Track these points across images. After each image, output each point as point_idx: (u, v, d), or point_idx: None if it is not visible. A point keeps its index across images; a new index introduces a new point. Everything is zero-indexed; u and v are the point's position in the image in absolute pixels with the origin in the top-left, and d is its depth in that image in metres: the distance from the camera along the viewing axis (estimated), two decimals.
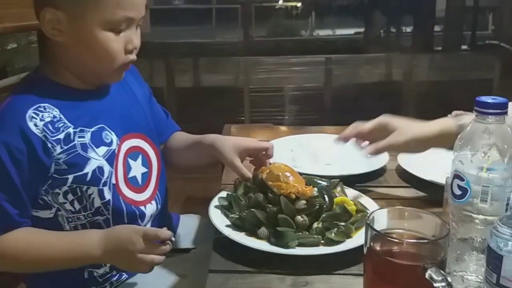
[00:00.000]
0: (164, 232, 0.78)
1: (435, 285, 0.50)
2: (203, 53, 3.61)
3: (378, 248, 0.56)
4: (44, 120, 0.77)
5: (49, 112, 0.78)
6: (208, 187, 0.88)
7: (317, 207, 0.79)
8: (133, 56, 0.83)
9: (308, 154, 1.17)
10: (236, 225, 0.78)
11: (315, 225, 0.77)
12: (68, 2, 0.76)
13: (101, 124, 0.83)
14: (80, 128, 0.80)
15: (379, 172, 1.10)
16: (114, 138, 0.85)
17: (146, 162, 0.92)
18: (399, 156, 1.13)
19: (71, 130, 0.79)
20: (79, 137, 0.80)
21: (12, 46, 1.83)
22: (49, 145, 0.76)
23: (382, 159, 1.12)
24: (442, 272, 0.51)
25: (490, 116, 0.60)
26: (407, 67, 2.82)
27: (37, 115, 0.77)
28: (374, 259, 0.56)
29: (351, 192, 0.91)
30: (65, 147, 0.78)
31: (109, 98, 0.88)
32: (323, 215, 0.79)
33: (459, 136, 0.63)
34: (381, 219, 0.60)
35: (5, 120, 0.76)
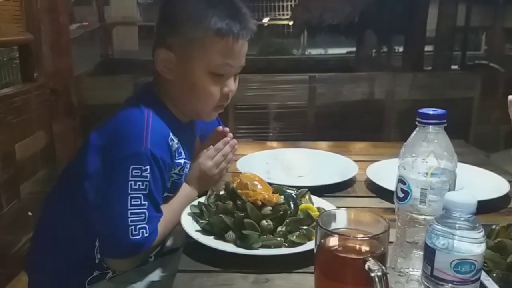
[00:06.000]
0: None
1: (372, 274, 0.55)
2: None
3: (326, 245, 0.61)
4: (175, 145, 0.90)
5: (175, 140, 0.91)
6: None
7: (282, 212, 0.85)
8: (227, 101, 0.95)
9: (282, 166, 1.23)
10: (205, 230, 0.84)
11: (279, 229, 0.83)
12: (180, 46, 0.88)
13: (189, 159, 0.97)
14: (187, 159, 0.94)
15: (349, 183, 1.17)
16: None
17: None
18: (367, 169, 1.19)
19: (184, 160, 0.93)
20: (186, 167, 0.95)
21: None
22: (172, 166, 0.90)
23: (351, 171, 1.18)
24: (379, 263, 0.56)
25: (430, 126, 0.67)
26: (392, 86, 2.92)
27: (173, 140, 0.90)
28: (323, 255, 0.62)
29: (318, 201, 0.96)
30: (179, 172, 0.93)
31: (194, 135, 1.03)
32: (287, 220, 0.84)
33: (404, 144, 0.70)
34: (332, 220, 0.66)
35: (158, 138, 0.87)
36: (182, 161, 0.92)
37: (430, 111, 0.68)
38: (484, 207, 0.95)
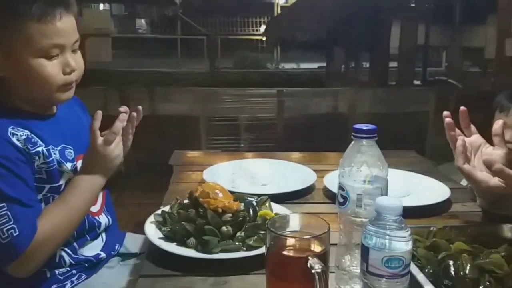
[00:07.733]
0: (95, 121, 0.90)
1: (312, 271, 0.62)
2: (167, 83, 3.72)
3: (275, 246, 0.68)
4: (23, 137, 0.87)
5: (22, 132, 0.88)
6: None
7: (241, 219, 0.91)
8: (75, 79, 0.92)
9: (246, 176, 1.30)
10: (168, 237, 0.89)
11: (238, 234, 0.89)
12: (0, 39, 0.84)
13: (62, 144, 0.94)
14: (51, 145, 0.91)
15: (308, 191, 1.24)
16: (73, 155, 0.96)
17: None
18: (325, 177, 1.27)
19: (44, 148, 0.89)
20: (53, 153, 0.91)
21: None
22: (31, 157, 0.87)
23: (310, 179, 1.26)
24: (320, 261, 0.63)
25: (363, 140, 0.76)
26: (354, 100, 3.08)
27: (16, 134, 0.86)
28: (272, 256, 0.68)
29: (277, 207, 1.03)
30: (47, 160, 0.89)
31: (60, 121, 0.98)
32: (246, 226, 0.91)
33: (342, 155, 0.78)
34: (286, 224, 0.73)
35: None
36: (40, 149, 0.87)
37: (363, 126, 0.77)
38: (428, 211, 1.06)
